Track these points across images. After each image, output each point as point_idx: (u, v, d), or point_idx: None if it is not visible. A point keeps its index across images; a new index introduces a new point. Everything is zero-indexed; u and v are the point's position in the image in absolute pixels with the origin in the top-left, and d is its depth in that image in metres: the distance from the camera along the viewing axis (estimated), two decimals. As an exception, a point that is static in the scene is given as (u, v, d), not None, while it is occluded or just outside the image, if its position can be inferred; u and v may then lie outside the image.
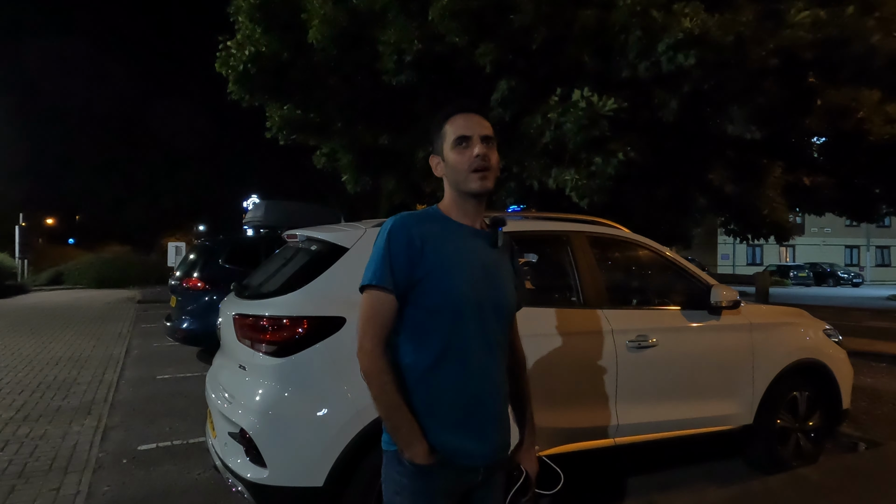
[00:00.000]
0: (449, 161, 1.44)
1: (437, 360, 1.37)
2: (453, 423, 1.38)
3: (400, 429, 1.33)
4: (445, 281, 1.36)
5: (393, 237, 1.37)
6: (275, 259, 3.41)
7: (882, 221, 11.83)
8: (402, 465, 1.36)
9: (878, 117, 6.39)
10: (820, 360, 3.74)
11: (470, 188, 1.42)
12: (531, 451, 1.61)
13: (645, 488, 3.41)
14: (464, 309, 1.38)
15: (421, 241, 1.37)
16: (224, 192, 42.99)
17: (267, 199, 11.05)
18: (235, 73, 8.06)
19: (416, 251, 1.36)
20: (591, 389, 2.99)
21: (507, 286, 1.50)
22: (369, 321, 1.36)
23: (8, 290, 17.88)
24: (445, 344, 1.37)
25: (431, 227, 1.41)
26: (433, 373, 1.37)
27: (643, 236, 3.57)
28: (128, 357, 7.69)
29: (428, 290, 1.36)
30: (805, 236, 36.84)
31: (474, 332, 1.40)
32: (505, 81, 6.39)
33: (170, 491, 3.48)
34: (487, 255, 1.45)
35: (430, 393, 1.37)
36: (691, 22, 5.30)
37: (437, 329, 1.37)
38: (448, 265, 1.37)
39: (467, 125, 1.43)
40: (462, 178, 1.42)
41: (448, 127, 1.45)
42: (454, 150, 1.43)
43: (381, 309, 1.35)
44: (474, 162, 1.40)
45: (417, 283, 1.36)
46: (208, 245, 7.90)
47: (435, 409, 1.37)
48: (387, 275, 1.34)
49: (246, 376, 2.63)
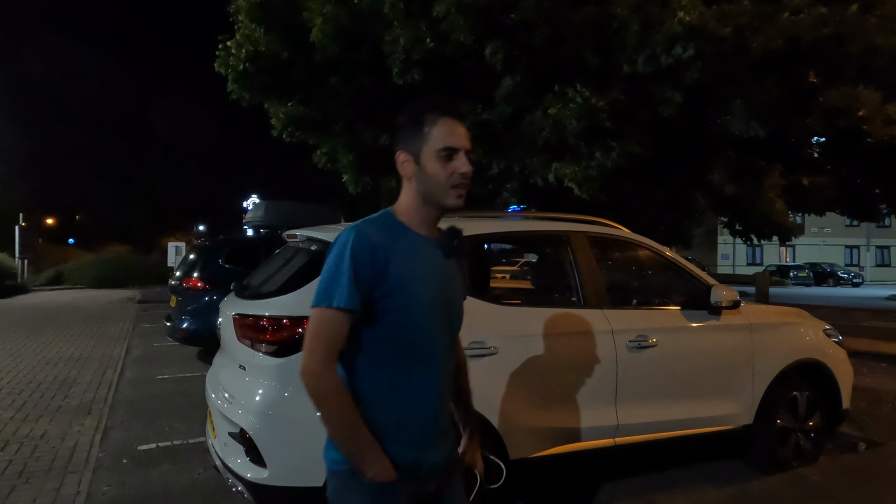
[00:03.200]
0: (427, 169, 1.31)
1: (399, 379, 1.30)
2: (410, 440, 1.32)
3: (360, 448, 1.25)
4: (407, 299, 1.27)
5: (356, 252, 1.25)
6: (275, 259, 3.41)
7: (882, 221, 11.81)
8: (359, 484, 1.27)
9: (878, 117, 6.38)
10: (820, 361, 3.74)
11: (447, 204, 1.32)
12: (478, 449, 1.60)
13: (645, 488, 3.40)
14: (427, 327, 1.31)
15: (385, 255, 1.26)
16: (224, 192, 43.03)
17: (267, 199, 11.04)
18: (235, 73, 8.07)
19: (379, 268, 1.25)
20: (591, 389, 2.99)
21: (460, 294, 1.44)
22: (318, 340, 1.24)
23: (8, 290, 17.86)
24: (408, 364, 1.30)
25: (393, 240, 1.30)
26: (394, 393, 1.30)
27: (643, 236, 3.57)
28: (128, 357, 7.69)
29: (388, 309, 1.27)
30: (805, 236, 36.82)
31: (435, 348, 1.34)
32: (510, 77, 6.40)
33: (170, 491, 3.47)
34: (444, 267, 1.37)
35: (389, 413, 1.29)
36: (689, 14, 5.30)
37: (398, 349, 1.29)
38: (411, 282, 1.28)
39: (456, 135, 1.31)
40: (439, 192, 1.31)
41: (435, 131, 1.31)
42: (437, 159, 1.30)
43: (335, 329, 1.24)
44: (457, 179, 1.30)
45: (377, 302, 1.26)
46: (208, 245, 7.91)
47: (394, 429, 1.30)
48: (349, 295, 1.23)
49: (246, 376, 2.63)
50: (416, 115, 1.35)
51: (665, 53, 5.48)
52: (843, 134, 6.73)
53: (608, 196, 6.88)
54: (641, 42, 5.63)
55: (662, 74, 5.85)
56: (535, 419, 2.83)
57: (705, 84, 5.84)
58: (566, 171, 6.35)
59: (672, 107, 6.02)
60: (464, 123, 1.35)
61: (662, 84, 5.98)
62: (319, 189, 26.35)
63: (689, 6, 5.33)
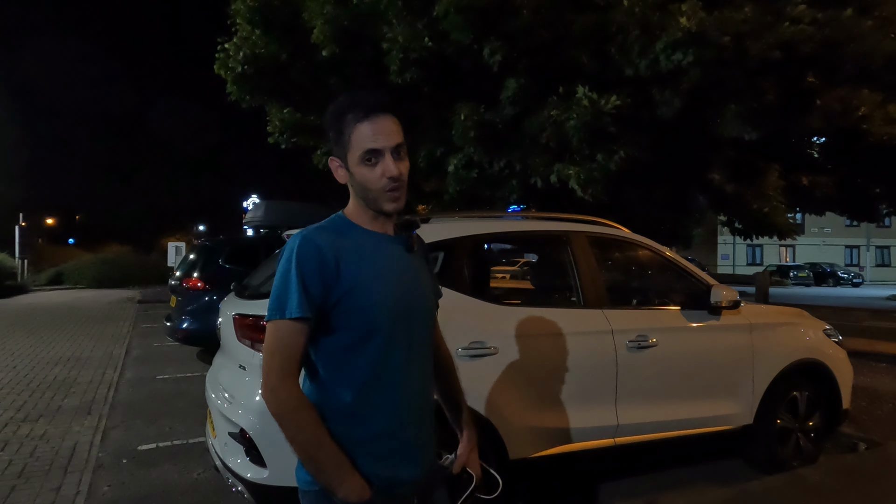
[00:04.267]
0: (356, 175, 1.24)
1: (366, 388, 1.22)
2: (385, 453, 1.24)
3: (328, 467, 1.17)
4: (366, 299, 1.20)
5: (302, 258, 1.18)
6: (275, 259, 3.41)
7: (882, 221, 11.80)
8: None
9: (877, 117, 6.39)
10: (820, 360, 3.74)
11: (383, 209, 1.26)
12: (475, 453, 1.50)
13: (645, 488, 3.40)
14: (389, 327, 1.23)
15: (335, 258, 1.19)
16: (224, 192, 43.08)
17: (267, 199, 11.05)
18: (234, 75, 8.06)
19: (330, 271, 1.18)
20: (592, 389, 2.99)
21: (427, 289, 1.37)
22: (275, 355, 1.17)
23: (8, 290, 17.88)
24: (374, 369, 1.22)
25: (342, 240, 1.23)
26: (362, 403, 1.22)
27: (643, 236, 3.57)
28: (128, 357, 7.69)
29: (347, 312, 1.20)
30: (805, 236, 36.83)
31: (404, 350, 1.26)
32: (514, 80, 6.40)
33: (170, 491, 3.47)
34: (405, 262, 1.31)
35: (357, 427, 1.22)
36: (689, 21, 5.31)
37: (362, 354, 1.22)
38: (366, 281, 1.21)
39: (376, 136, 1.22)
40: (373, 197, 1.24)
41: (355, 135, 1.22)
42: (362, 164, 1.23)
43: (291, 341, 1.17)
44: (387, 184, 1.22)
45: (334, 307, 1.19)
46: (208, 245, 7.91)
47: (364, 443, 1.22)
48: (300, 303, 1.16)
49: (246, 376, 2.64)
50: (336, 117, 1.26)
51: (666, 59, 5.49)
52: (843, 133, 6.73)
53: (609, 196, 6.88)
54: (642, 48, 5.64)
55: (661, 78, 5.86)
56: (535, 419, 2.83)
57: (702, 88, 5.85)
58: (569, 172, 6.36)
59: (671, 109, 6.03)
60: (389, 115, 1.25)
61: (662, 87, 5.98)
62: (319, 189, 26.36)
63: (690, 12, 5.34)
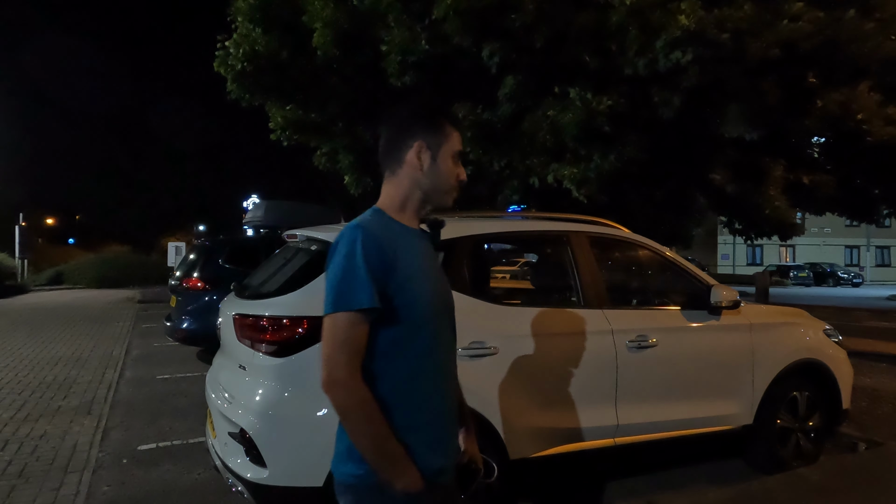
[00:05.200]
0: (443, 168, 1.35)
1: (414, 380, 1.27)
2: (431, 443, 1.28)
3: (393, 459, 1.20)
4: (414, 293, 1.26)
5: (366, 249, 1.21)
6: (275, 259, 3.41)
7: (882, 223, 11.78)
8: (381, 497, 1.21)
9: (878, 118, 6.39)
10: (820, 361, 3.74)
11: (445, 202, 1.39)
12: (475, 444, 1.55)
13: (645, 488, 3.40)
14: (434, 318, 1.30)
15: (392, 250, 1.24)
16: (224, 192, 43.03)
17: (267, 199, 11.06)
18: (234, 73, 8.06)
19: (388, 262, 1.22)
20: (591, 389, 2.99)
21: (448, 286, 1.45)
22: (342, 348, 1.18)
23: (8, 290, 17.87)
24: (421, 362, 1.27)
25: (393, 234, 1.29)
26: (413, 392, 1.27)
27: (643, 236, 3.57)
28: (128, 357, 7.69)
29: (399, 306, 1.24)
30: (805, 236, 36.70)
31: (443, 341, 1.34)
32: (512, 77, 6.40)
33: (170, 491, 3.48)
34: (435, 258, 1.41)
35: (413, 416, 1.26)
36: (688, 19, 5.30)
37: (414, 344, 1.26)
38: (415, 274, 1.27)
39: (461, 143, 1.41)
40: (444, 190, 1.37)
41: (453, 133, 1.38)
42: (452, 159, 1.37)
43: (357, 333, 1.19)
44: (458, 184, 1.39)
45: (391, 299, 1.23)
46: (208, 245, 7.90)
47: (414, 433, 1.25)
48: (371, 294, 1.18)
49: (246, 376, 2.63)
50: (435, 112, 1.40)
51: (664, 57, 5.48)
52: (843, 134, 6.74)
53: (608, 196, 6.88)
54: (642, 47, 5.64)
55: (660, 77, 5.86)
56: (535, 419, 2.83)
57: (702, 87, 5.85)
58: (565, 172, 6.36)
59: (670, 109, 6.03)
60: None
61: (661, 87, 5.98)
62: (319, 189, 26.37)
63: (688, 11, 5.34)
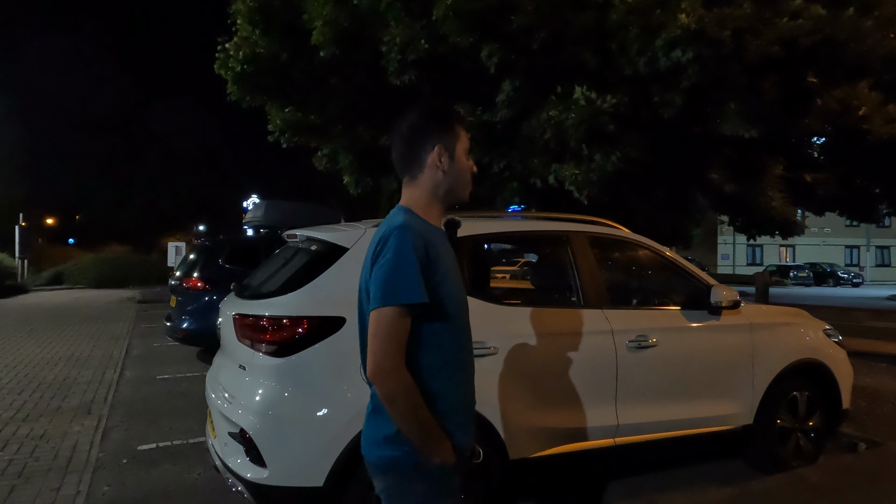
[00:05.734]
0: (460, 165, 1.45)
1: (451, 366, 1.39)
2: (463, 423, 1.42)
3: (431, 436, 1.31)
4: (449, 287, 1.36)
5: (416, 246, 1.29)
6: (275, 259, 3.41)
7: (882, 222, 11.79)
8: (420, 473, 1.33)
9: (878, 117, 6.38)
10: (820, 360, 3.74)
11: (464, 196, 1.49)
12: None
13: (645, 488, 3.40)
14: (463, 313, 1.43)
15: (433, 247, 1.35)
16: (224, 192, 43.07)
17: (267, 200, 11.06)
18: (234, 75, 8.06)
19: (432, 260, 1.33)
20: (592, 389, 2.99)
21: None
22: (391, 339, 1.27)
23: (8, 290, 17.87)
24: (455, 352, 1.40)
25: (428, 231, 1.39)
26: (449, 380, 1.38)
27: (643, 236, 3.57)
28: (128, 357, 7.69)
29: (443, 298, 1.34)
30: (805, 236, 36.53)
31: (469, 338, 1.47)
32: (509, 82, 6.40)
33: (170, 491, 3.48)
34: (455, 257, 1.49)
35: (448, 400, 1.37)
36: (688, 18, 5.30)
37: (450, 336, 1.38)
38: (450, 269, 1.39)
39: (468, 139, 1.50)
40: (461, 186, 1.47)
41: (462, 132, 1.47)
42: (466, 156, 1.47)
43: (403, 326, 1.29)
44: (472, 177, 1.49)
45: (435, 292, 1.32)
46: (208, 245, 7.91)
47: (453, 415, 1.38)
48: (421, 290, 1.27)
49: (246, 376, 2.63)
50: (446, 113, 1.49)
51: (664, 56, 5.48)
52: (843, 133, 6.73)
53: (608, 196, 6.87)
54: (642, 46, 5.63)
55: (661, 77, 5.85)
56: (534, 419, 2.83)
57: (702, 86, 5.84)
58: (566, 173, 6.36)
59: (672, 108, 6.02)
60: None
61: (661, 86, 5.98)
62: (320, 189, 26.37)
63: (688, 9, 5.33)
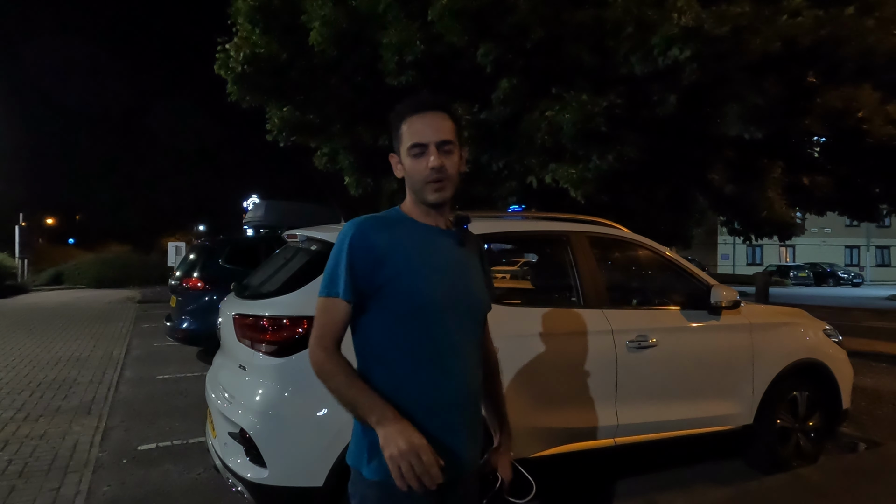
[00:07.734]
0: (406, 167, 1.38)
1: (410, 366, 1.32)
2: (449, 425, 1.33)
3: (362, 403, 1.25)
4: (410, 284, 1.31)
5: (353, 245, 1.32)
6: (275, 259, 3.41)
7: (882, 221, 11.79)
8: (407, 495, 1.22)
9: (878, 117, 6.38)
10: (820, 361, 3.74)
11: (426, 199, 1.37)
12: (507, 455, 1.56)
13: (645, 488, 3.41)
14: (432, 312, 1.33)
15: (383, 245, 1.32)
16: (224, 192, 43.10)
17: (267, 200, 11.08)
18: (234, 75, 8.06)
19: (377, 256, 1.31)
20: (591, 389, 2.99)
21: (478, 285, 1.47)
22: (316, 324, 1.34)
23: (8, 290, 17.87)
24: (417, 350, 1.32)
25: (393, 229, 1.36)
26: (407, 380, 1.32)
27: (643, 236, 3.57)
28: (128, 357, 7.69)
29: (393, 295, 1.31)
30: (805, 236, 36.71)
31: (444, 336, 1.34)
32: (506, 80, 6.40)
33: (170, 491, 3.48)
34: (456, 255, 1.41)
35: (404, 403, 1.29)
36: (685, 16, 5.30)
37: (407, 335, 1.32)
38: (413, 268, 1.32)
39: (423, 131, 1.34)
40: (418, 188, 1.36)
41: (404, 129, 1.36)
42: (409, 156, 1.36)
43: (332, 317, 1.33)
44: (430, 174, 1.33)
45: (380, 289, 1.31)
46: (208, 245, 7.91)
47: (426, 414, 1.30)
48: (345, 287, 1.30)
49: (246, 376, 2.63)
50: (394, 116, 1.40)
51: (662, 55, 5.48)
52: (843, 133, 6.73)
53: (607, 196, 6.88)
54: (638, 44, 5.63)
55: (659, 76, 5.85)
56: (534, 419, 2.83)
57: (701, 86, 5.84)
58: (562, 173, 6.36)
59: (669, 107, 6.02)
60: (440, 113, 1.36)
61: (659, 85, 5.98)
62: (320, 189, 26.37)
63: (685, 7, 5.33)
